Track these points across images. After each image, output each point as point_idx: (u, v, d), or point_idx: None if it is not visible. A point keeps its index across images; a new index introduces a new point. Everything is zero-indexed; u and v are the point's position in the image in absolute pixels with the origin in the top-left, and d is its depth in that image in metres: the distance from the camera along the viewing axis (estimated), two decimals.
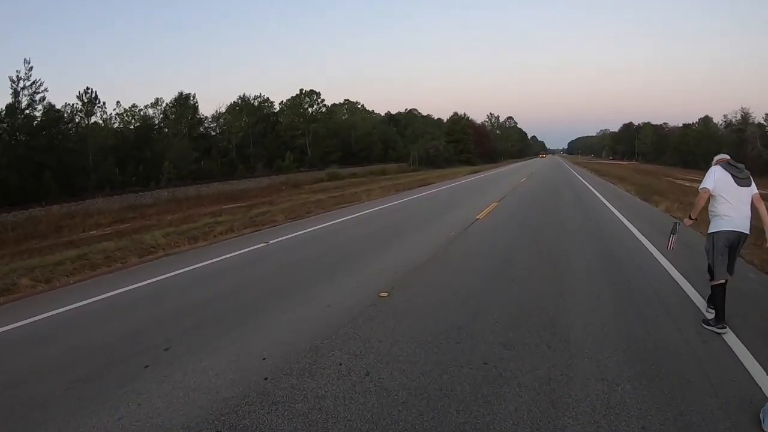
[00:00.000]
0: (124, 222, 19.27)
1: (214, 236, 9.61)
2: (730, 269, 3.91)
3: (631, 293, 4.80)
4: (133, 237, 10.34)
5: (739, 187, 3.86)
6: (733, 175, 3.87)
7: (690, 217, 4.28)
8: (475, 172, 39.80)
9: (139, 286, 5.57)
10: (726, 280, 3.85)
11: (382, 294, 4.78)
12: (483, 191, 18.29)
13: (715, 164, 4.02)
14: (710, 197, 3.96)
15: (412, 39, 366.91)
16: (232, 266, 6.56)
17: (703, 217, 4.29)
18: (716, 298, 3.86)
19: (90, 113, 41.35)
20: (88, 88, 41.44)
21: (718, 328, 3.76)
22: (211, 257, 7.08)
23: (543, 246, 7.24)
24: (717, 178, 3.89)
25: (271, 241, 8.14)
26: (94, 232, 17.28)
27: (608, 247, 7.21)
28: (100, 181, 38.65)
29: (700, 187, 4.00)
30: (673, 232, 4.55)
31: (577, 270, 5.76)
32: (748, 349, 3.35)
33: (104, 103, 42.05)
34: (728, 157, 4.11)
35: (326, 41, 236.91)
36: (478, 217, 10.33)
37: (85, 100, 41.56)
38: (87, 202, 24.99)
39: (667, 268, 5.74)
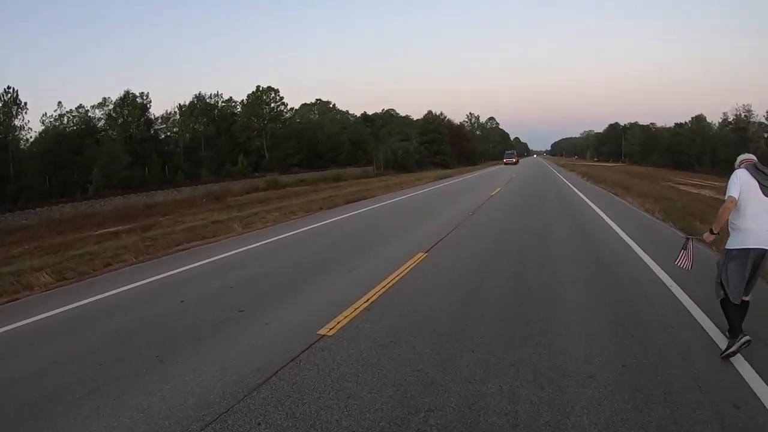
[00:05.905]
0: None
1: None
2: (747, 290, 3.43)
3: None
4: None
5: (765, 197, 3.34)
6: (760, 183, 3.37)
7: (711, 232, 3.60)
8: (441, 177, 35.58)
9: None
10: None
11: None
12: (423, 216, 12.56)
13: (739, 166, 3.53)
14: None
15: (393, 38, 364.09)
16: None
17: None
18: (727, 312, 3.45)
19: (10, 115, 36.82)
20: (9, 87, 36.94)
21: (738, 341, 3.27)
22: None
23: None
24: (742, 183, 3.39)
25: None
26: None
27: None
28: (19, 192, 34.34)
29: (726, 196, 3.49)
30: (684, 248, 3.91)
31: None
32: None
33: (26, 103, 37.47)
34: (754, 158, 3.58)
35: (305, 40, 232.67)
36: (333, 324, 4.16)
37: (6, 100, 37.09)
38: None
39: None
